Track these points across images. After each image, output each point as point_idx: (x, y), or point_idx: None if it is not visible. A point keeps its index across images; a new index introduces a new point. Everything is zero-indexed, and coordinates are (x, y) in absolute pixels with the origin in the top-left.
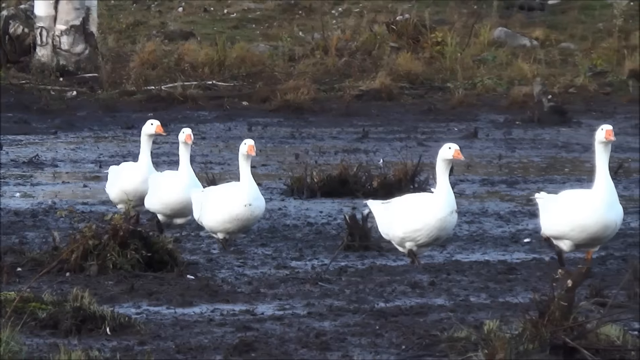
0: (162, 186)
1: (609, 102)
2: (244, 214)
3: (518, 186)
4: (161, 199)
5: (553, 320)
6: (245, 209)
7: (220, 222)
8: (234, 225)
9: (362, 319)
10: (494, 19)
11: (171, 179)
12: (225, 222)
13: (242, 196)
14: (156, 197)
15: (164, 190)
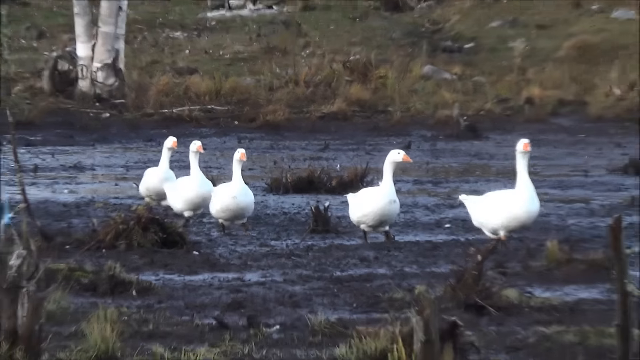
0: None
1: (510, 122)
2: (232, 205)
3: (441, 185)
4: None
5: (467, 285)
6: (233, 200)
7: (218, 210)
8: (227, 213)
9: (324, 284)
10: (423, 58)
11: (186, 181)
12: (220, 211)
13: (231, 191)
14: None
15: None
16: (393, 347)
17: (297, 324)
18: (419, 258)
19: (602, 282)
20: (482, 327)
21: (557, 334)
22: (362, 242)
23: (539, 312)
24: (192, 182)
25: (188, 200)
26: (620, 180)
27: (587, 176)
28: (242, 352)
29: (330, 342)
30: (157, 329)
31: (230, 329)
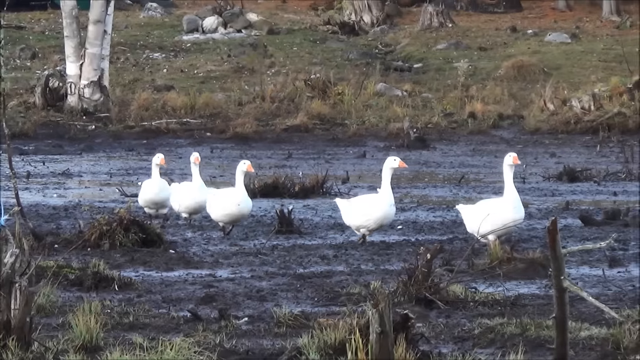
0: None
1: (454, 134)
2: (235, 211)
3: (393, 190)
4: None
5: (417, 281)
6: (237, 207)
7: (221, 215)
8: (229, 218)
9: (288, 280)
10: (377, 77)
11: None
12: (222, 215)
13: (235, 199)
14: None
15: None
16: (351, 337)
17: (264, 316)
18: (374, 256)
19: (540, 278)
20: (432, 319)
21: (500, 325)
22: (322, 242)
23: (483, 305)
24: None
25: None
26: (555, 187)
27: (525, 183)
28: (214, 342)
29: (294, 332)
30: (136, 321)
31: (203, 321)
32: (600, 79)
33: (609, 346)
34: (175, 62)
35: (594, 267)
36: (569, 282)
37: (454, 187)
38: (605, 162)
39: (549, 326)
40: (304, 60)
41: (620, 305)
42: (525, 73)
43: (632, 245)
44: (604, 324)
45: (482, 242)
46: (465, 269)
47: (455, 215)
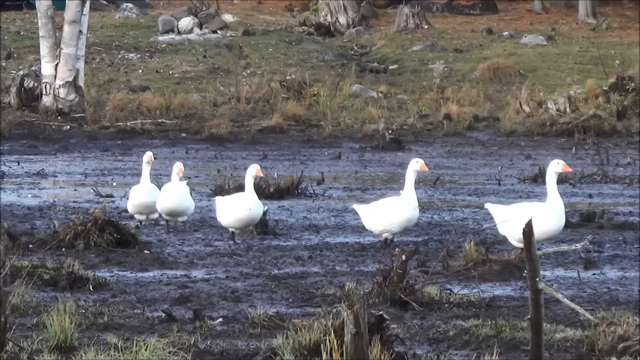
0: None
1: (430, 135)
2: (246, 216)
3: (368, 192)
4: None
5: (392, 282)
6: (248, 212)
7: (232, 220)
8: (239, 223)
9: (262, 281)
10: (352, 78)
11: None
12: (233, 220)
13: (246, 203)
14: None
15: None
16: (326, 338)
17: (239, 317)
18: (349, 258)
19: (516, 280)
20: (407, 320)
21: (475, 327)
22: (297, 243)
23: (458, 307)
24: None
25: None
26: (530, 188)
27: (500, 184)
28: (188, 342)
29: (269, 333)
30: (111, 321)
31: (178, 321)
32: (575, 81)
33: (584, 348)
34: (151, 62)
35: (569, 269)
36: (544, 283)
37: (430, 189)
38: (581, 164)
39: (524, 328)
40: (280, 61)
41: (595, 307)
42: (500, 75)
43: (607, 247)
44: (579, 326)
45: (457, 244)
46: (440, 271)
47: (430, 216)
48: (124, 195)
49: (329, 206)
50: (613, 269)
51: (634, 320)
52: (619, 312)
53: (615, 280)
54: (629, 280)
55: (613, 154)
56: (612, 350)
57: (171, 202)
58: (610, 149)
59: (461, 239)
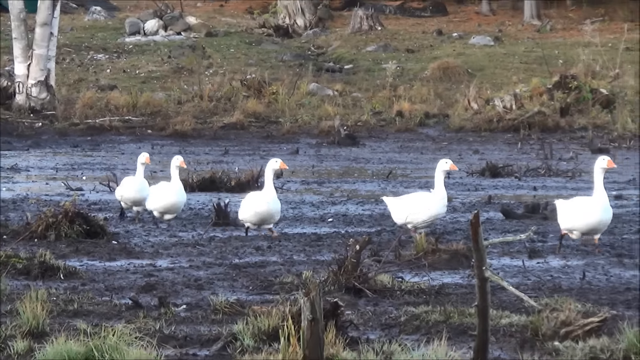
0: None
1: (383, 131)
2: (265, 211)
3: (324, 185)
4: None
5: (347, 271)
6: (267, 206)
7: (250, 215)
8: (257, 218)
9: (224, 269)
10: (309, 77)
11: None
12: (252, 215)
13: (265, 198)
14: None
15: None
16: (284, 324)
17: (201, 304)
18: (306, 247)
19: (464, 268)
20: (360, 307)
21: (425, 313)
22: (257, 233)
23: (409, 294)
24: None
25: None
26: (478, 182)
27: (449, 178)
28: (154, 328)
29: (230, 319)
30: (81, 308)
31: (144, 308)
32: (521, 79)
33: (528, 333)
34: (118, 62)
35: (515, 258)
36: (490, 272)
37: (382, 182)
38: (526, 158)
39: (472, 314)
40: (240, 61)
41: (539, 294)
42: (450, 74)
43: (550, 237)
44: (523, 312)
45: (408, 234)
46: (392, 260)
47: (383, 208)
48: (93, 188)
49: (287, 199)
50: (556, 258)
51: (576, 306)
52: (561, 299)
53: (558, 269)
54: (571, 269)
55: (556, 149)
56: (554, 335)
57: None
58: (554, 144)
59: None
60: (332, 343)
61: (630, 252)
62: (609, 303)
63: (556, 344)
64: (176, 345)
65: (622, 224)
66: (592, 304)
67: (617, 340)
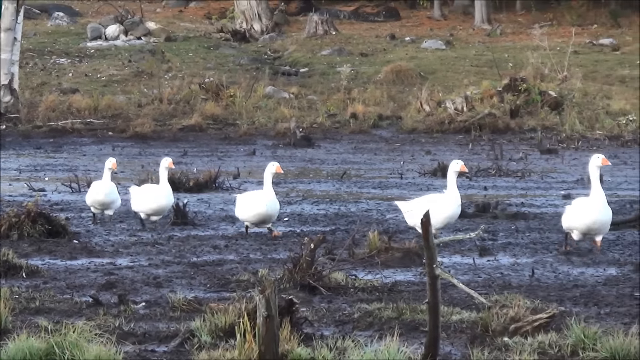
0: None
1: (337, 133)
2: (264, 212)
3: (281, 185)
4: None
5: (302, 269)
6: (266, 208)
7: (250, 216)
8: (257, 218)
9: (182, 268)
10: (266, 81)
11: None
12: (251, 216)
13: (264, 200)
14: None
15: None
16: (240, 321)
17: (160, 302)
18: (262, 246)
19: (416, 266)
20: (315, 304)
21: (378, 310)
22: (214, 233)
23: (363, 291)
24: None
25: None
26: (430, 182)
27: (402, 178)
28: (113, 325)
29: (187, 316)
30: (42, 306)
31: (104, 306)
32: (472, 82)
33: (478, 329)
34: (80, 67)
35: (466, 256)
36: (441, 269)
37: (337, 182)
38: (477, 159)
39: (423, 310)
40: (199, 65)
41: (489, 291)
42: (403, 77)
43: (500, 235)
44: (474, 309)
45: (362, 233)
46: (346, 258)
47: (337, 207)
48: (55, 189)
49: None
50: (506, 256)
51: (525, 303)
52: (511, 296)
53: (508, 266)
54: (521, 266)
55: (506, 150)
56: (504, 330)
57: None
58: (504, 144)
59: (366, 229)
60: (287, 339)
61: (578, 250)
62: (557, 299)
63: (506, 340)
64: (135, 341)
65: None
66: (541, 301)
67: (565, 336)
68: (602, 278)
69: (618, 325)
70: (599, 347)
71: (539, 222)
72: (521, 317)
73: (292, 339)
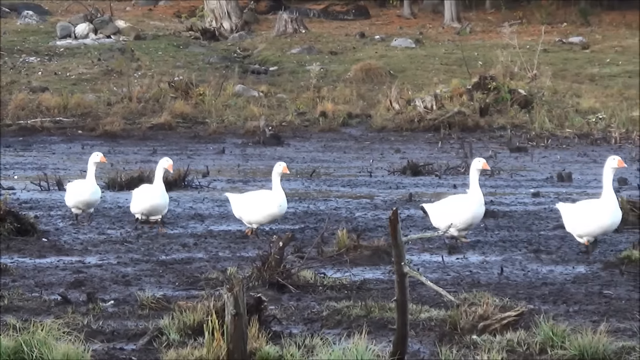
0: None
1: (307, 131)
2: (277, 212)
3: (250, 183)
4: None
5: (270, 267)
6: (279, 208)
7: (264, 217)
8: (268, 219)
9: (151, 266)
10: (235, 79)
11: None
12: (264, 217)
13: (276, 200)
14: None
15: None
16: (208, 319)
17: (129, 300)
18: (231, 244)
19: (384, 264)
20: (284, 302)
21: (346, 308)
22: (183, 231)
23: (331, 290)
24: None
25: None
26: (400, 180)
27: (371, 176)
28: (82, 323)
29: (156, 314)
30: (11, 304)
31: (73, 304)
32: (441, 80)
33: (447, 327)
34: (50, 65)
35: (435, 254)
36: (409, 267)
37: (306, 181)
38: (446, 157)
39: (392, 308)
40: (168, 63)
41: (458, 289)
42: (372, 75)
43: (469, 233)
44: (442, 307)
45: (331, 231)
46: (315, 256)
47: (306, 206)
48: (25, 187)
49: (213, 197)
50: (475, 254)
51: (494, 301)
52: (479, 294)
53: (477, 264)
54: (490, 264)
55: (476, 148)
56: (473, 328)
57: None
58: (474, 143)
59: (335, 227)
60: (255, 337)
61: (547, 248)
62: (526, 297)
63: (474, 338)
64: (104, 339)
65: (539, 221)
66: (510, 299)
67: (534, 334)
68: (571, 276)
69: (587, 323)
70: (568, 345)
71: (508, 220)
72: (490, 315)
73: (261, 337)
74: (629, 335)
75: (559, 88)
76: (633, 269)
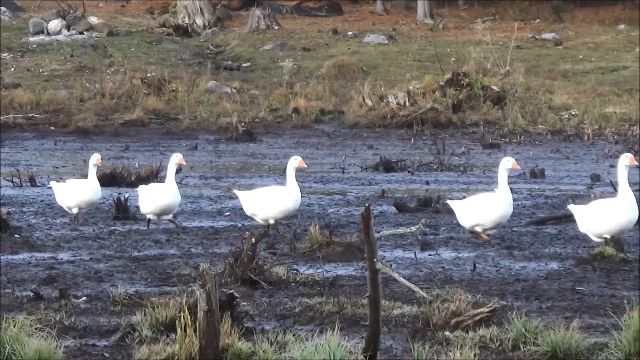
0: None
1: (280, 128)
2: (293, 207)
3: (222, 180)
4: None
5: (243, 263)
6: (295, 203)
7: (280, 212)
8: (284, 214)
9: (124, 262)
10: (208, 75)
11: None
12: (279, 212)
13: (291, 195)
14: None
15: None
16: (180, 315)
17: (101, 296)
18: (204, 240)
19: (357, 261)
20: (256, 298)
21: (319, 304)
22: (156, 227)
23: (304, 286)
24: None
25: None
26: (372, 176)
27: (344, 173)
28: (54, 319)
29: (129, 311)
30: None
31: (45, 300)
32: (414, 77)
33: (420, 323)
34: (22, 61)
35: (407, 250)
36: (382, 264)
37: (279, 177)
38: (419, 153)
39: (364, 305)
40: (141, 60)
41: (430, 286)
42: (345, 72)
43: (442, 230)
44: (415, 303)
45: (303, 227)
46: (287, 252)
47: None
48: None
49: (186, 193)
50: (448, 250)
51: (466, 297)
52: (452, 290)
53: (450, 261)
54: (462, 260)
55: (449, 144)
56: (445, 325)
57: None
58: (446, 139)
59: (307, 223)
60: (227, 333)
61: (520, 245)
62: (498, 294)
63: (447, 334)
64: (76, 335)
65: (512, 217)
66: (482, 295)
67: (506, 330)
68: (543, 272)
69: (559, 319)
70: (540, 341)
71: None
72: (462, 312)
73: (233, 333)
74: (601, 331)
75: (532, 84)
76: (605, 266)
